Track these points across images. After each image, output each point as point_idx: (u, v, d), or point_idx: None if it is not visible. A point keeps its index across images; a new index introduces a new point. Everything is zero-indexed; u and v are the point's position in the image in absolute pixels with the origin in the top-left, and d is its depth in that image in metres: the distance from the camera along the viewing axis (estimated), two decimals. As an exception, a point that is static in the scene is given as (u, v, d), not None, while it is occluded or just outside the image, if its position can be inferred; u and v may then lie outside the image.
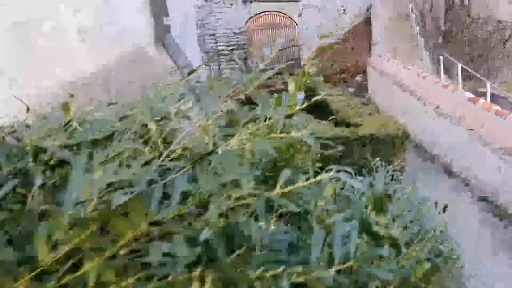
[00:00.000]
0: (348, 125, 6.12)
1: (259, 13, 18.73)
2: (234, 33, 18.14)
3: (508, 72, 10.14)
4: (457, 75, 10.29)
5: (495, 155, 4.63)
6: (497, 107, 5.39)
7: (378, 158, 3.33)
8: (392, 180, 3.39)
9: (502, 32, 10.09)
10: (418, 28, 15.08)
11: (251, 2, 19.99)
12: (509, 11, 10.10)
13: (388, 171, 3.40)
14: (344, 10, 19.94)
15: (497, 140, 4.76)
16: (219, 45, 18.12)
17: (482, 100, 5.77)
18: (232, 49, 18.29)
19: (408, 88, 8.16)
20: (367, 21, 18.64)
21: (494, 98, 9.05)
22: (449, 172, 5.92)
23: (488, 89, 8.75)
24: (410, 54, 14.23)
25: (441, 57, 11.58)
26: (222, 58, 18.32)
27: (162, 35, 2.88)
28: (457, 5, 12.38)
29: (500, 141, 4.73)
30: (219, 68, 18.26)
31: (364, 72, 13.66)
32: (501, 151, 4.49)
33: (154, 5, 2.75)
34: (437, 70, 12.14)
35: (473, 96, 6.10)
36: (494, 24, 10.49)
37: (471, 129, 5.27)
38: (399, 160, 5.08)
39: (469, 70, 9.92)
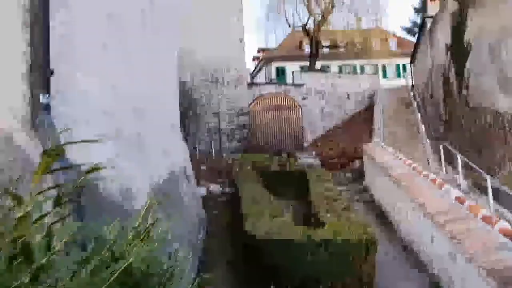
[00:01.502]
0: (318, 222, 5.36)
1: (263, 95, 19.11)
2: (237, 113, 18.31)
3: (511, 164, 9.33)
4: (458, 165, 9.56)
5: (479, 276, 3.70)
6: (485, 212, 4.58)
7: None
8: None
9: (501, 123, 9.51)
10: (419, 115, 14.80)
11: (257, 85, 20.61)
12: (507, 102, 9.64)
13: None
14: (348, 95, 20.22)
15: (483, 255, 3.87)
16: (221, 125, 18.19)
17: (469, 201, 4.98)
18: (234, 128, 18.32)
19: (396, 178, 7.43)
20: (370, 107, 18.69)
21: (497, 193, 8.15)
22: (435, 286, 4.89)
23: (489, 184, 7.91)
24: (411, 140, 13.73)
25: (441, 146, 10.96)
26: (224, 137, 18.28)
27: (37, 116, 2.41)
28: (454, 94, 12.11)
29: (485, 256, 3.84)
30: (220, 147, 18.13)
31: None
32: (485, 271, 3.58)
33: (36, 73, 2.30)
34: (439, 158, 11.47)
35: (460, 195, 5.32)
36: (493, 115, 9.98)
37: (454, 238, 4.41)
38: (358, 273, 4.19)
39: (469, 162, 9.18)
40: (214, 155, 17.18)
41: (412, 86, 19.62)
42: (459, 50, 12.18)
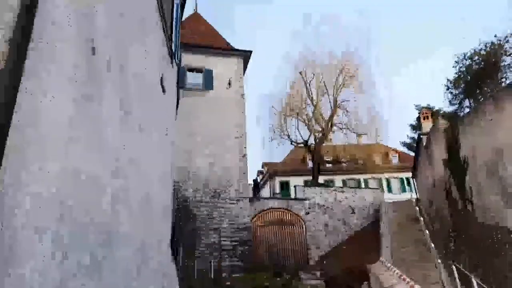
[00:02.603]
0: None
1: (266, 210, 18.79)
2: (239, 228, 17.75)
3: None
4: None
5: None
6: None
7: None
8: None
9: (513, 242, 8.89)
10: (427, 231, 14.11)
11: (259, 199, 20.47)
12: (516, 219, 9.17)
13: None
14: (353, 210, 19.80)
15: None
16: (222, 240, 17.49)
17: None
18: (236, 245, 17.53)
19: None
20: (376, 222, 18.06)
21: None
22: None
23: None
24: (421, 259, 12.78)
25: (453, 267, 10.10)
26: (225, 254, 17.38)
27: None
28: (460, 210, 11.71)
29: None
30: (220, 264, 17.14)
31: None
32: None
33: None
34: (453, 278, 10.46)
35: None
36: (503, 232, 9.41)
37: None
38: None
39: (484, 286, 8.28)
40: (213, 274, 16.10)
41: (417, 200, 19.27)
42: (456, 166, 12.23)
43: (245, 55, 20.07)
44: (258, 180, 33.73)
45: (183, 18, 17.08)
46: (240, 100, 19.29)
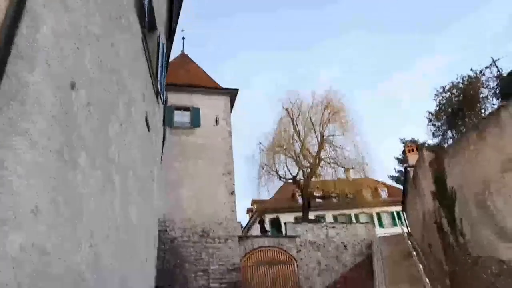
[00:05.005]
0: None
1: (256, 249, 18.24)
2: (228, 269, 17.09)
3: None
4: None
5: None
6: None
7: None
8: None
9: (508, 272, 8.71)
10: (421, 266, 13.79)
11: (249, 238, 19.94)
12: (510, 252, 9.05)
13: None
14: (345, 246, 19.38)
15: None
16: (211, 283, 16.75)
17: None
18: (226, 287, 16.80)
19: None
20: (369, 258, 17.66)
21: None
22: None
23: None
24: (418, 297, 12.41)
25: (450, 304, 9.77)
26: (215, 298, 16.62)
27: None
28: (452, 243, 11.55)
29: None
30: (209, 309, 16.34)
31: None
32: None
33: None
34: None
35: None
36: (498, 264, 9.25)
37: None
38: None
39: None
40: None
41: (409, 234, 19.04)
42: (445, 198, 12.21)
43: (232, 93, 20.36)
44: (248, 218, 33.13)
45: (171, 59, 17.40)
46: (227, 138, 19.31)
